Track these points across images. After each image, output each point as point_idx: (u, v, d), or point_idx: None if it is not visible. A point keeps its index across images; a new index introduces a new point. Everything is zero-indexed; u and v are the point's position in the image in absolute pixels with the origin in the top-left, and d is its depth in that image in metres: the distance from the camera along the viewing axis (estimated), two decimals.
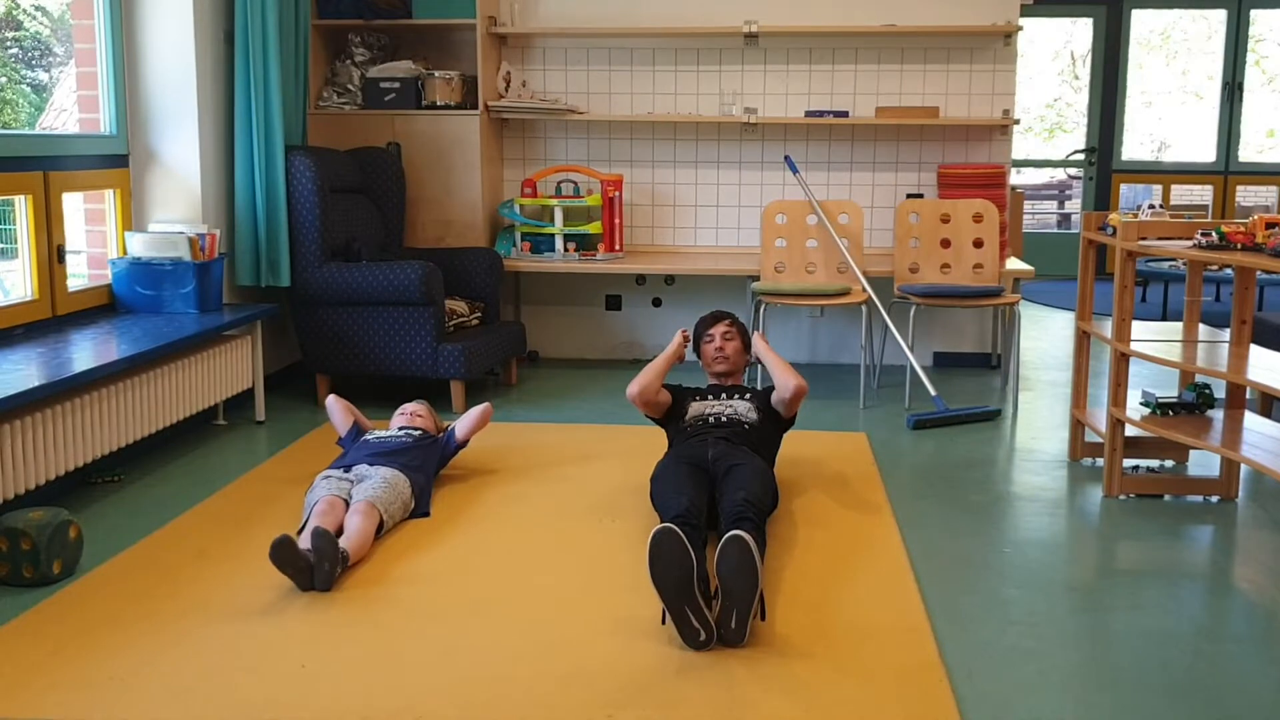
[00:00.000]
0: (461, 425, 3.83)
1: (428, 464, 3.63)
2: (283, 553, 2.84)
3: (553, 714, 2.32)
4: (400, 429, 3.75)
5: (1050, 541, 3.41)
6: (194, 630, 2.69)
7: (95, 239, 4.50)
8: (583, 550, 3.22)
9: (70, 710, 2.32)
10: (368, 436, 3.71)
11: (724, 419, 3.50)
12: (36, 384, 3.21)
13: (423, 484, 3.53)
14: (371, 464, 3.46)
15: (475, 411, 3.87)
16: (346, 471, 3.42)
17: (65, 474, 3.45)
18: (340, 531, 3.10)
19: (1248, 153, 9.76)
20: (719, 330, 3.81)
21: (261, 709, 2.33)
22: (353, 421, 3.81)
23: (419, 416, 3.86)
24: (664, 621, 2.64)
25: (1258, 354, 3.66)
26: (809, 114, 5.67)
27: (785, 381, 3.52)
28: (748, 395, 3.67)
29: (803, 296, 5.16)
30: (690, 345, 3.85)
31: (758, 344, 3.84)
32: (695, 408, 3.61)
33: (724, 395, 3.68)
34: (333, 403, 3.87)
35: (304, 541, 2.97)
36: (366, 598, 2.88)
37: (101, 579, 3.00)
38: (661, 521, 2.79)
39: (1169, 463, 4.08)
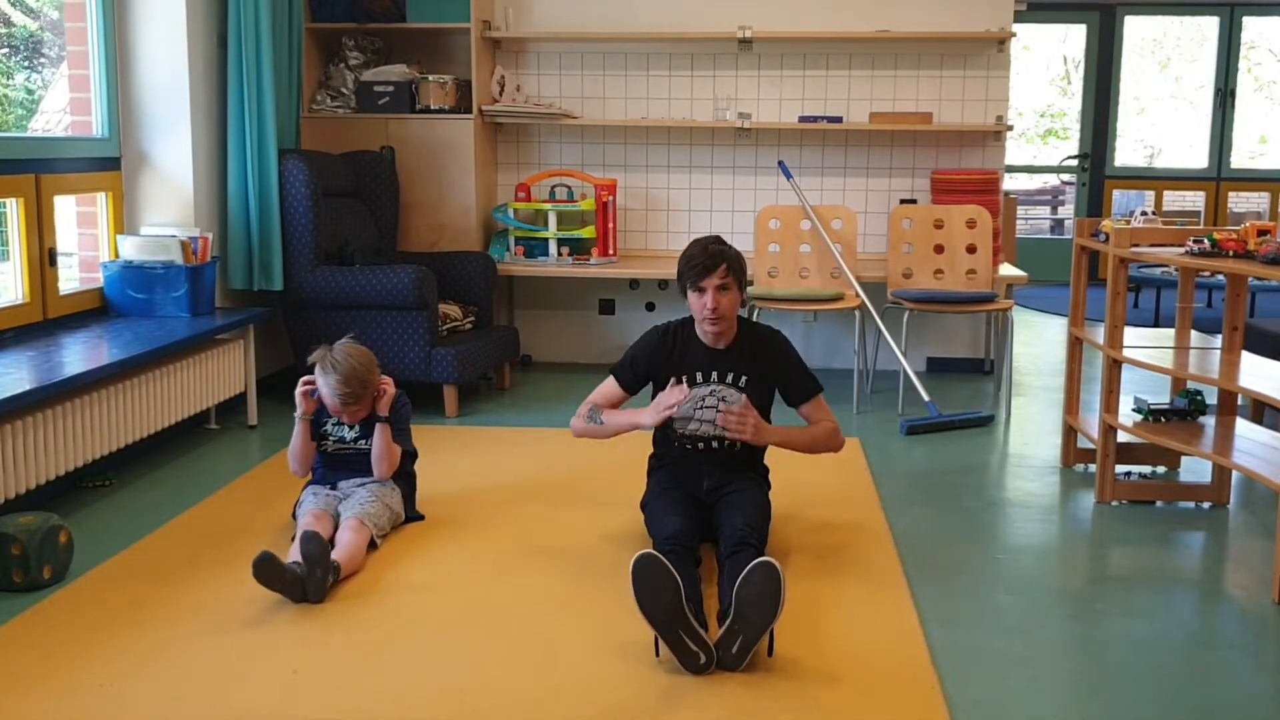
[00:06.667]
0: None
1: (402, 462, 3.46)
2: (266, 570, 2.79)
3: None
4: (354, 435, 3.40)
5: (1042, 548, 3.41)
6: (185, 636, 2.67)
7: (87, 242, 4.49)
8: (575, 558, 3.21)
9: (60, 717, 2.31)
10: (327, 447, 3.40)
11: (714, 444, 3.22)
12: (27, 388, 3.20)
13: (407, 489, 3.45)
14: (359, 480, 3.36)
15: (379, 446, 3.35)
16: (333, 489, 3.35)
17: (56, 478, 3.44)
18: (331, 545, 3.03)
19: (1240, 159, 9.80)
20: (712, 283, 3.09)
21: (252, 716, 2.32)
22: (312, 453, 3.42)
23: (356, 414, 3.34)
24: (658, 653, 2.53)
25: (1249, 361, 3.67)
26: (803, 119, 5.67)
27: (822, 449, 3.29)
28: (743, 381, 3.22)
29: (796, 301, 5.16)
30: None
31: (769, 436, 3.23)
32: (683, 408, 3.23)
33: (714, 376, 3.22)
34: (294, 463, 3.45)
35: (292, 554, 2.91)
36: (358, 605, 2.87)
37: (92, 584, 2.98)
38: (654, 545, 2.74)
39: (1161, 469, 4.08)
